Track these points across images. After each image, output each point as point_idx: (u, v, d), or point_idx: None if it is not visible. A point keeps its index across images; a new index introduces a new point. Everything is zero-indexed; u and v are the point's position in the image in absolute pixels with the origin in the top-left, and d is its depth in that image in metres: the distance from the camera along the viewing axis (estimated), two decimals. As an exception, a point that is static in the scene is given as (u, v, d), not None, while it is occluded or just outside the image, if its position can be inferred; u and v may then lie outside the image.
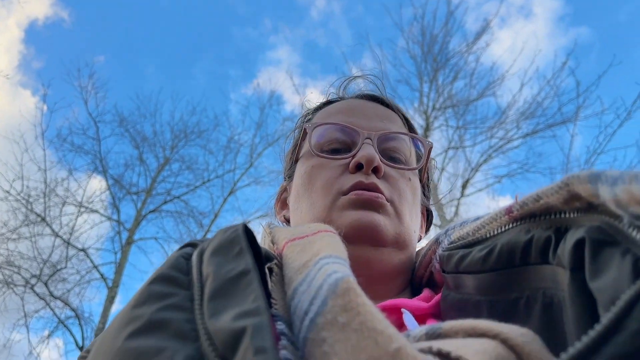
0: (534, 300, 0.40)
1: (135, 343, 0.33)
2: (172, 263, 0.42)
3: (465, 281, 0.48)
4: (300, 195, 0.71)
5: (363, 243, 0.63)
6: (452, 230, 0.54)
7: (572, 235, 0.35)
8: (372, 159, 0.66)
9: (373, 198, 0.65)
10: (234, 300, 0.34)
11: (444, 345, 0.31)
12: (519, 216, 0.42)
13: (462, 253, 0.48)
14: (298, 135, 0.79)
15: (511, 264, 0.42)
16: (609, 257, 0.31)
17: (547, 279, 0.39)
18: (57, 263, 7.82)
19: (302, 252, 0.44)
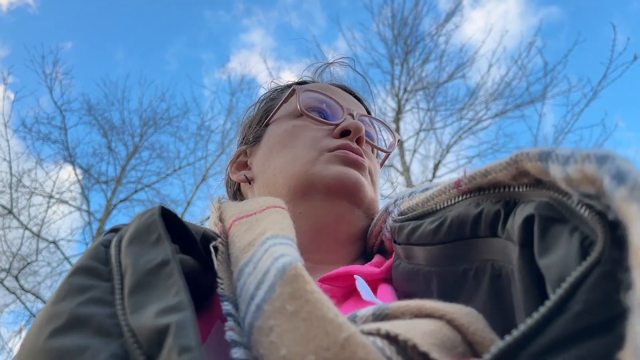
0: (482, 272, 0.41)
1: (57, 342, 0.32)
2: (92, 253, 0.40)
3: (416, 252, 0.49)
4: (275, 153, 0.69)
5: (342, 199, 0.63)
6: (401, 201, 0.55)
7: (521, 211, 0.36)
8: (360, 127, 0.68)
9: (359, 159, 0.66)
10: (155, 294, 0.33)
11: (391, 327, 0.31)
12: (467, 190, 0.43)
13: (414, 225, 0.49)
14: (271, 103, 0.79)
15: (461, 236, 0.43)
16: (557, 234, 0.31)
17: (496, 251, 0.40)
18: (27, 256, 7.66)
19: (249, 231, 0.43)
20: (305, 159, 0.65)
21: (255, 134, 0.77)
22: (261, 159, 0.72)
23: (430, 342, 0.30)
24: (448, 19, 7.96)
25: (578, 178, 0.28)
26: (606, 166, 0.26)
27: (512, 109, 7.55)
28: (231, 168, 0.79)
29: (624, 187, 0.24)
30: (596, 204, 0.28)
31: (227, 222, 0.48)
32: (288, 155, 0.67)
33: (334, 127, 0.69)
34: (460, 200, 0.44)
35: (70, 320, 0.33)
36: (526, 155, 0.34)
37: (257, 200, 0.52)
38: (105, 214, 8.48)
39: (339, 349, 0.28)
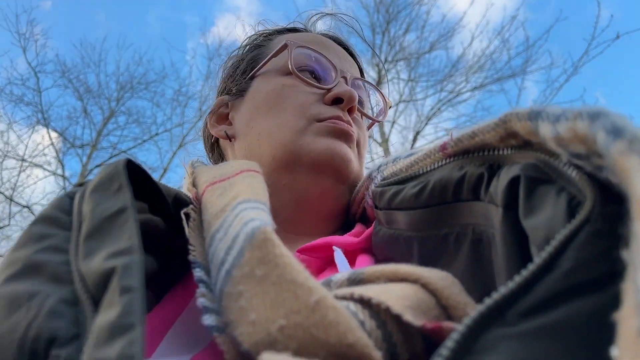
0: (463, 236, 0.41)
1: (10, 287, 0.32)
2: (56, 203, 0.40)
3: (397, 217, 0.48)
4: (261, 114, 0.65)
5: (329, 174, 0.61)
6: (385, 167, 0.54)
7: (506, 173, 0.35)
8: (353, 97, 0.64)
9: (350, 131, 0.63)
10: (109, 240, 0.33)
11: (365, 291, 0.31)
12: (453, 153, 0.42)
13: (395, 189, 0.48)
14: (258, 51, 0.73)
15: (443, 200, 0.42)
16: (543, 195, 0.31)
17: (477, 215, 0.39)
18: (0, 220, 7.54)
19: (222, 196, 0.42)
20: (293, 127, 0.62)
21: (239, 86, 0.71)
22: (245, 117, 0.68)
23: (404, 304, 0.30)
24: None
25: (569, 136, 0.27)
26: (599, 122, 0.25)
27: (493, 82, 7.59)
28: (210, 120, 0.73)
29: (620, 141, 0.23)
30: (586, 164, 0.28)
31: (200, 188, 0.47)
32: (275, 120, 0.63)
33: (326, 92, 0.65)
34: (444, 164, 0.43)
35: (25, 267, 0.33)
36: (515, 115, 0.33)
37: (232, 164, 0.51)
38: (81, 179, 8.36)
39: (310, 312, 0.28)
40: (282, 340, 0.28)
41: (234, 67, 0.74)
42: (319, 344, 0.27)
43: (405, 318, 0.29)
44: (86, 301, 0.30)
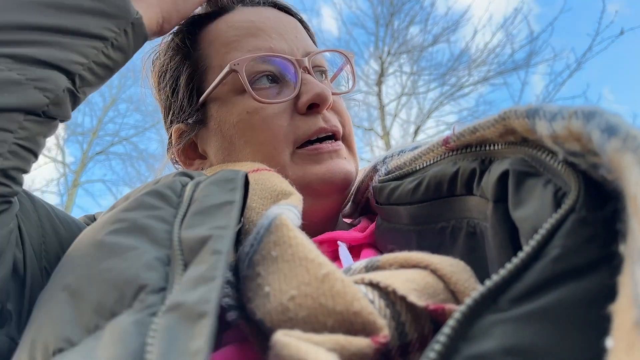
0: (458, 230, 0.42)
1: (113, 238, 0.37)
2: (169, 183, 0.44)
3: (396, 212, 0.49)
4: (239, 147, 0.61)
5: (333, 194, 0.60)
6: (390, 159, 0.54)
7: (496, 167, 0.36)
8: (326, 96, 0.59)
9: (334, 150, 0.60)
10: (212, 219, 0.37)
11: (375, 276, 0.33)
12: (454, 147, 0.43)
13: (394, 185, 0.49)
14: (193, 68, 0.65)
15: (439, 195, 0.44)
16: (531, 187, 0.32)
17: (471, 209, 0.41)
18: (0, 206, 7.56)
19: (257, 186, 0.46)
20: (279, 161, 0.58)
21: (195, 116, 0.65)
22: (220, 151, 0.63)
23: (410, 287, 0.31)
24: (436, -19, 7.84)
25: (564, 135, 0.28)
26: (594, 121, 0.26)
27: (495, 75, 7.57)
28: (180, 157, 0.68)
29: (615, 139, 0.23)
30: (581, 162, 0.29)
31: None
32: (257, 154, 0.59)
33: (295, 99, 0.60)
34: (440, 160, 0.44)
35: (132, 226, 0.38)
36: (514, 112, 0.34)
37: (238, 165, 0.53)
38: (81, 166, 8.38)
39: (319, 283, 0.30)
40: (293, 308, 0.30)
41: (173, 91, 0.67)
42: (327, 311, 0.29)
43: (410, 299, 0.31)
44: (178, 262, 0.34)
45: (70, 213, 0.61)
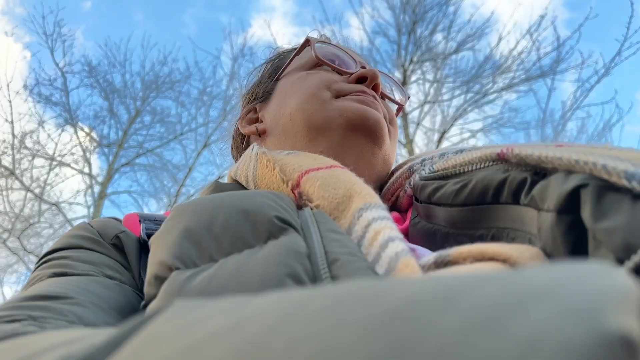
0: (498, 239, 0.41)
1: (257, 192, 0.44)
2: (290, 206, 0.44)
3: (436, 212, 0.48)
4: (289, 97, 0.68)
5: (363, 135, 0.63)
6: (430, 161, 0.55)
7: (564, 181, 0.35)
8: (376, 74, 0.67)
9: (376, 102, 0.66)
10: None
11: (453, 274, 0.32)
12: None
13: (437, 184, 0.48)
14: (280, 61, 0.78)
15: (482, 200, 0.42)
16: (615, 201, 0.31)
17: (514, 219, 0.40)
18: (30, 217, 7.70)
19: (325, 187, 0.45)
20: (320, 97, 0.65)
21: (265, 88, 0.75)
22: (274, 110, 0.71)
23: None
24: (458, -12, 7.79)
25: None
26: None
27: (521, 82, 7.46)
28: (240, 123, 0.77)
29: None
30: None
31: (293, 177, 0.49)
32: (303, 96, 0.66)
33: (349, 76, 0.68)
34: (491, 165, 0.43)
35: None
36: (602, 167, 0.33)
37: (312, 156, 0.53)
38: (107, 177, 8.49)
39: None
40: None
41: (260, 75, 0.80)
42: None
43: None
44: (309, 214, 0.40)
45: None
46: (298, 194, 0.47)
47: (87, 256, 0.49)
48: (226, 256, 0.35)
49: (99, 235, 0.52)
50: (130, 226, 0.55)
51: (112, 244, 0.52)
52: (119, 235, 0.52)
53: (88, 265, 0.47)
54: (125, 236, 0.52)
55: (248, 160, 0.57)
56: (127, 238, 0.52)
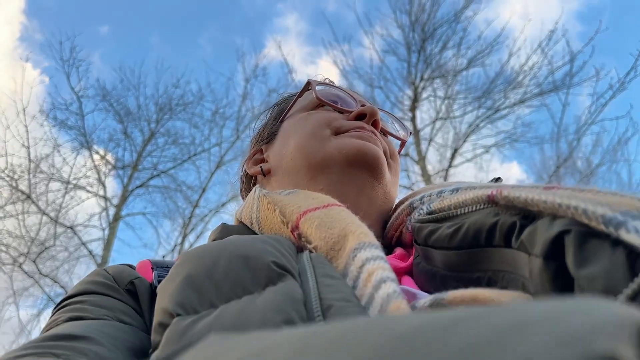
0: (494, 282, 0.42)
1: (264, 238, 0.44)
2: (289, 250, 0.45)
3: (434, 255, 0.49)
4: (291, 137, 0.70)
5: (362, 169, 0.64)
6: (429, 198, 0.55)
7: (547, 225, 0.36)
8: (375, 111, 0.69)
9: (375, 137, 0.67)
10: None
11: None
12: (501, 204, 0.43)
13: (432, 227, 0.49)
14: (285, 103, 0.80)
15: (477, 244, 0.43)
16: (596, 247, 0.32)
17: (507, 262, 0.41)
18: (45, 241, 7.77)
19: (321, 227, 0.46)
20: (319, 135, 0.66)
21: (271, 130, 0.77)
22: (277, 150, 0.73)
23: None
24: (466, 5, 7.84)
25: None
26: None
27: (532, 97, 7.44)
28: (247, 164, 0.79)
29: None
30: None
31: (292, 218, 0.50)
32: (303, 135, 0.68)
33: (349, 114, 0.70)
34: (482, 208, 0.44)
35: None
36: (582, 211, 0.33)
37: (310, 195, 0.54)
38: (122, 199, 8.57)
39: None
40: None
41: (267, 118, 0.83)
42: None
43: None
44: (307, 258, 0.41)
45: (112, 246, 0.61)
46: (297, 235, 0.48)
47: (102, 301, 0.51)
48: (226, 302, 0.37)
49: (114, 281, 0.54)
50: (144, 273, 0.57)
51: (126, 290, 0.53)
52: (133, 282, 0.54)
53: (103, 310, 0.49)
54: (139, 282, 0.54)
55: (251, 203, 0.60)
56: (141, 284, 0.54)
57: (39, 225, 7.78)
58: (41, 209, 7.82)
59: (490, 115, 7.76)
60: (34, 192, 7.92)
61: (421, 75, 8.00)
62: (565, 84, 7.03)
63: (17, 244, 7.64)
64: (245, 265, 0.39)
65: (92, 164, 8.50)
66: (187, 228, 8.49)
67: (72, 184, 8.26)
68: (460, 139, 7.74)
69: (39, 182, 8.05)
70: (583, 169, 7.06)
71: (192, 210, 8.62)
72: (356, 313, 0.34)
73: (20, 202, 7.79)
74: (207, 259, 0.41)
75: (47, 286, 7.62)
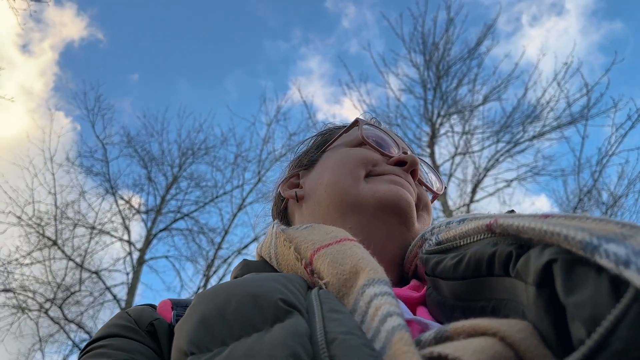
0: (498, 311, 0.43)
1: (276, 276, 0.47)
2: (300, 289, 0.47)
3: (441, 285, 0.50)
4: (328, 171, 0.71)
5: (393, 216, 0.65)
6: (438, 229, 0.56)
7: (539, 254, 0.37)
8: (416, 160, 0.71)
9: (407, 184, 0.68)
10: None
11: (444, 349, 0.34)
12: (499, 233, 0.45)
13: (438, 259, 0.51)
14: (330, 134, 0.82)
15: (478, 273, 0.45)
16: (583, 275, 0.33)
17: (508, 290, 0.42)
18: (71, 286, 7.85)
19: (333, 264, 0.49)
20: (355, 175, 0.68)
21: (311, 158, 0.79)
22: (314, 179, 0.74)
23: (479, 358, 0.32)
24: (480, 42, 7.94)
25: None
26: None
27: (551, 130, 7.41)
28: (282, 186, 0.80)
29: None
30: None
31: (306, 255, 0.53)
32: (339, 171, 0.69)
33: (389, 158, 0.72)
34: (482, 239, 0.46)
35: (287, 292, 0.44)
36: (564, 237, 0.35)
37: (325, 230, 0.56)
38: (146, 243, 8.65)
39: None
40: None
41: (309, 145, 0.84)
42: None
43: None
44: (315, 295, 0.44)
45: (136, 290, 0.65)
46: (310, 272, 0.51)
47: (124, 344, 0.53)
48: (237, 340, 0.38)
49: (135, 323, 0.56)
50: (164, 313, 0.59)
51: (146, 331, 0.55)
52: (153, 323, 0.56)
53: (124, 353, 0.51)
54: (158, 323, 0.56)
55: (270, 239, 0.62)
56: (160, 325, 0.56)
57: (65, 271, 7.87)
58: (67, 255, 7.93)
59: (509, 149, 7.74)
60: (60, 238, 8.06)
61: (438, 112, 8.05)
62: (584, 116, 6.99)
63: (44, 290, 7.73)
64: (255, 303, 0.41)
65: (116, 208, 8.65)
66: (210, 270, 8.50)
67: (97, 229, 8.39)
68: (480, 174, 7.71)
69: (65, 228, 8.20)
70: (607, 200, 6.93)
71: (214, 252, 8.66)
72: (358, 345, 0.35)
73: (47, 248, 7.93)
74: (219, 299, 0.43)
75: (73, 332, 7.65)
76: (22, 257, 7.82)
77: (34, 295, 7.62)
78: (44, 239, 7.96)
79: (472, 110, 7.90)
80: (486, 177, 7.71)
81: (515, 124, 7.64)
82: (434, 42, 8.02)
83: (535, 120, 7.49)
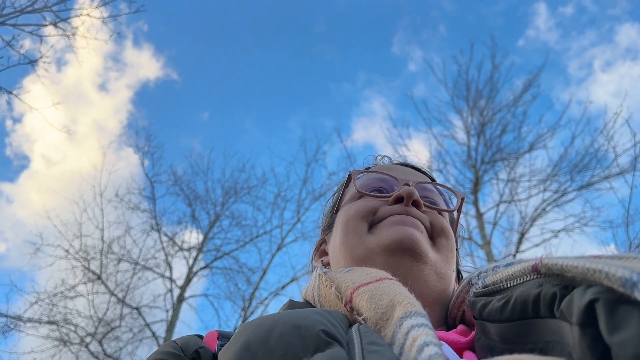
0: (545, 352, 0.43)
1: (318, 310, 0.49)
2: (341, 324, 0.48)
3: (489, 328, 0.50)
4: (338, 233, 0.75)
5: (403, 255, 0.66)
6: (485, 274, 0.56)
7: (581, 294, 0.37)
8: (412, 192, 0.71)
9: (411, 219, 0.69)
10: None
11: None
12: (545, 273, 0.45)
13: (484, 301, 0.51)
14: (340, 188, 0.85)
15: (525, 315, 0.45)
16: (626, 313, 0.33)
17: (554, 332, 0.41)
18: (112, 321, 7.96)
19: (372, 300, 0.50)
20: (358, 231, 0.70)
21: (328, 222, 0.84)
22: (332, 242, 0.78)
23: None
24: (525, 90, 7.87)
25: None
26: None
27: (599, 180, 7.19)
28: (314, 255, 0.85)
29: None
30: None
31: (346, 294, 0.54)
32: (344, 231, 0.72)
33: (389, 199, 0.73)
34: (528, 280, 0.46)
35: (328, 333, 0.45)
36: (605, 275, 0.35)
37: (366, 271, 0.58)
38: (186, 281, 8.74)
39: None
40: None
41: (327, 208, 0.89)
42: None
43: None
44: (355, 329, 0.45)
45: (175, 328, 0.68)
46: (350, 309, 0.52)
47: None
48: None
49: (181, 350, 0.59)
50: (209, 342, 0.62)
51: (191, 359, 0.58)
52: (198, 351, 0.59)
53: None
54: (203, 351, 0.59)
55: (314, 281, 0.65)
56: (205, 353, 0.59)
57: (107, 305, 8.01)
58: (110, 290, 8.09)
59: (557, 199, 7.52)
60: (104, 272, 8.24)
61: (482, 158, 7.96)
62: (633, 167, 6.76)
63: (85, 324, 7.87)
64: (297, 333, 0.43)
65: (160, 245, 8.81)
66: (247, 311, 8.48)
67: (141, 265, 8.55)
68: (526, 223, 7.50)
69: (109, 263, 8.39)
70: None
71: (252, 292, 8.65)
72: None
73: (91, 282, 8.11)
74: (264, 327, 0.44)
75: (110, 367, 7.70)
76: (67, 290, 8.02)
77: (76, 328, 7.76)
78: (89, 273, 8.16)
79: (518, 158, 7.76)
80: (532, 226, 7.50)
81: (563, 173, 7.46)
82: (477, 89, 8.00)
83: (583, 169, 7.29)
